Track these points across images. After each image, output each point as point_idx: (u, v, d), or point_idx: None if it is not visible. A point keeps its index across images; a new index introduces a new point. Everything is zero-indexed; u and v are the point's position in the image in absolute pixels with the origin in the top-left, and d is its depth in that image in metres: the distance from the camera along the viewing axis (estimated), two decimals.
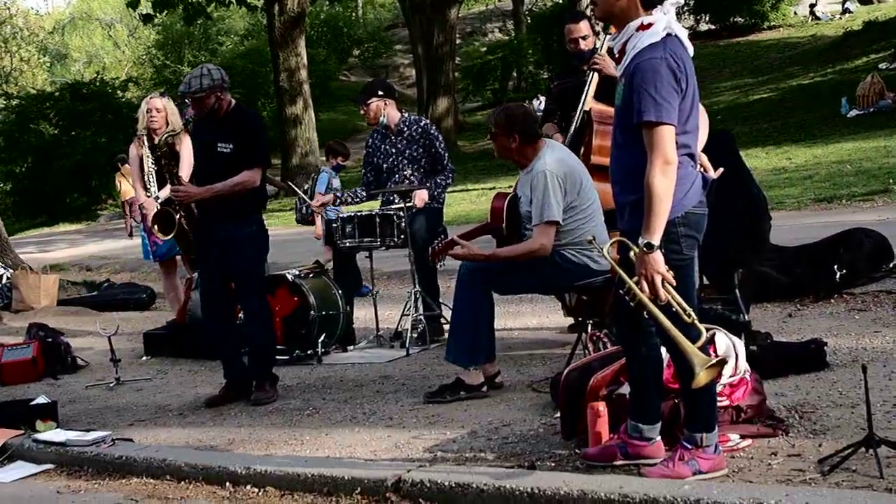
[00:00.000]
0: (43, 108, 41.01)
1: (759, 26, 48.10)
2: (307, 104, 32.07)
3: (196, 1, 31.16)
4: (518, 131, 7.39)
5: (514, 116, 7.47)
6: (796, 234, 10.78)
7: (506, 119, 7.45)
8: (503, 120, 7.46)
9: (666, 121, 4.73)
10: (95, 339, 11.22)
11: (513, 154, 7.51)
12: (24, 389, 9.52)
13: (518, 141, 7.41)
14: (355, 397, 7.91)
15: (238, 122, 8.23)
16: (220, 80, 8.13)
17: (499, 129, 7.47)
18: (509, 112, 7.56)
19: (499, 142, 7.53)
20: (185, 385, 9.25)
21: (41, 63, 66.24)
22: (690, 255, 5.04)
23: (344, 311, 9.82)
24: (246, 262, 8.23)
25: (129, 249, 20.22)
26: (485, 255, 7.46)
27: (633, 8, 4.90)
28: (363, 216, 9.74)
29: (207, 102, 8.12)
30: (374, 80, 11.61)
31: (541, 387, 7.35)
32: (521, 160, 7.51)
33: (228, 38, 61.98)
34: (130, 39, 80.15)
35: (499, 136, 7.49)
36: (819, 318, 8.73)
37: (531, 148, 7.44)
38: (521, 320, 10.38)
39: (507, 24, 63.43)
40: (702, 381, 4.74)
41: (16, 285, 14.67)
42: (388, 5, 73.47)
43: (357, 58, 62.07)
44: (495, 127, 7.51)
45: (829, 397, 6.25)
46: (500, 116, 7.52)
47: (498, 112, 7.66)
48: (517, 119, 7.45)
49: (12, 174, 39.70)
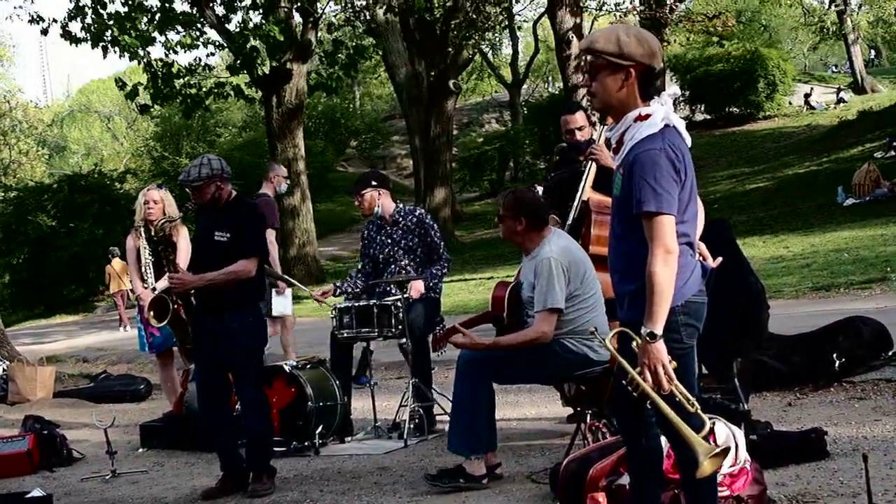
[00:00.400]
0: (41, 200, 41.13)
1: (754, 116, 48.59)
2: (305, 195, 32.16)
3: (194, 93, 31.38)
4: (526, 215, 7.43)
5: (522, 200, 7.50)
6: (795, 323, 10.78)
7: (514, 202, 7.48)
8: (511, 203, 7.49)
9: (666, 211, 4.75)
10: (92, 431, 11.17)
11: (519, 238, 7.53)
12: (19, 482, 9.44)
13: (525, 225, 7.44)
14: (353, 489, 7.85)
15: (236, 213, 8.26)
16: (219, 169, 8.16)
17: (507, 211, 7.50)
18: (518, 196, 7.60)
19: (506, 225, 7.55)
20: (181, 477, 9.19)
21: (40, 155, 66.69)
22: (690, 343, 5.03)
23: (341, 402, 9.77)
24: (241, 352, 8.20)
25: (126, 341, 20.20)
26: (486, 343, 7.46)
27: (632, 99, 4.93)
28: (361, 307, 9.73)
29: (207, 192, 8.15)
30: (368, 171, 11.65)
31: (540, 478, 7.30)
32: (527, 245, 7.53)
33: (227, 129, 62.51)
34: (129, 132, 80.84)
35: (506, 218, 7.51)
36: (819, 406, 8.70)
37: (538, 234, 7.47)
38: (519, 410, 10.34)
39: (503, 114, 64.04)
40: (706, 471, 4.70)
41: (12, 377, 14.61)
42: (386, 97, 74.16)
43: (354, 149, 62.53)
44: (503, 209, 7.54)
45: (830, 487, 6.22)
46: (509, 199, 7.56)
47: (507, 195, 7.70)
48: (525, 203, 7.48)
49: (10, 266, 39.70)
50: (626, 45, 4.85)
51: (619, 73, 4.90)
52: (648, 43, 4.89)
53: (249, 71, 31.01)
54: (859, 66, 58.96)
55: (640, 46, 4.86)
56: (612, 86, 4.94)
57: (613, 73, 4.91)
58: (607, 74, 4.93)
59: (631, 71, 4.88)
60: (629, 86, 4.91)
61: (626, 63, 4.87)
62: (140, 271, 11.03)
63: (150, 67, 29.85)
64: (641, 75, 4.90)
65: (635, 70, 4.88)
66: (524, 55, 64.65)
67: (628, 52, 4.86)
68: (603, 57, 4.92)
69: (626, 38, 4.86)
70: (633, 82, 4.90)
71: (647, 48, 4.88)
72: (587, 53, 5.02)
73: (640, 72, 4.89)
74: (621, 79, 4.90)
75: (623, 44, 4.86)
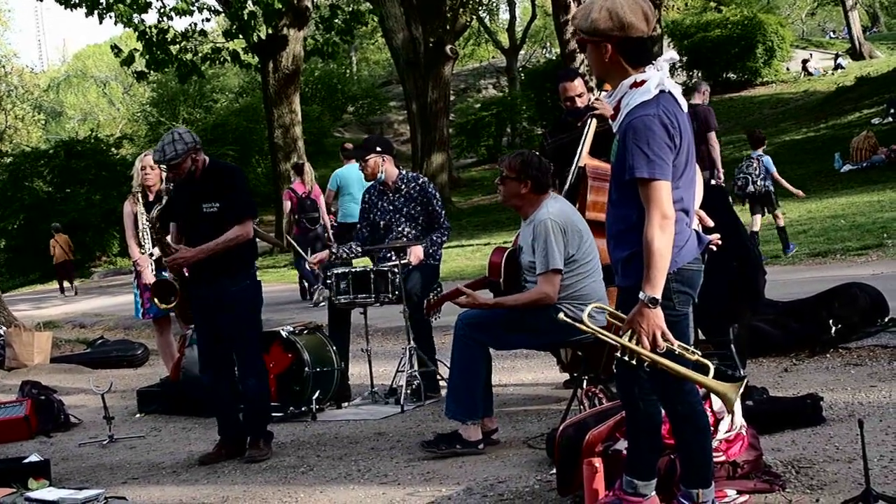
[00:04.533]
0: (37, 166, 41.08)
1: (751, 82, 48.49)
2: (301, 160, 32.11)
3: (189, 59, 31.29)
4: (531, 177, 7.40)
5: (529, 163, 7.47)
6: (791, 289, 10.79)
7: (521, 164, 7.45)
8: (518, 164, 7.45)
9: (659, 177, 4.74)
10: (89, 396, 11.20)
11: (520, 200, 7.51)
12: (16, 447, 9.45)
13: (529, 188, 7.42)
14: (350, 454, 7.87)
15: (218, 180, 8.22)
16: (192, 142, 8.09)
17: (512, 172, 7.46)
18: (525, 158, 7.56)
19: (508, 186, 7.52)
20: (178, 442, 9.21)
21: (36, 120, 66.52)
22: (684, 311, 5.03)
23: (339, 368, 9.78)
24: (239, 318, 8.21)
25: (123, 307, 20.19)
26: (489, 303, 7.49)
27: (619, 68, 4.94)
28: (358, 272, 9.72)
29: (184, 166, 8.09)
30: (371, 136, 11.56)
31: (536, 443, 7.32)
32: (527, 208, 7.50)
33: (223, 95, 62.32)
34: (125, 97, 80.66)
35: (510, 180, 7.48)
36: (815, 372, 8.72)
37: (537, 198, 7.46)
38: (516, 376, 10.36)
39: (500, 80, 63.88)
40: (734, 400, 4.90)
41: (9, 343, 14.62)
42: (383, 62, 74.02)
43: (351, 114, 62.38)
44: (508, 170, 7.49)
45: (826, 452, 6.23)
46: (516, 161, 7.51)
47: (514, 156, 7.64)
48: (533, 166, 7.45)
49: (5, 231, 39.63)
50: (596, 22, 4.86)
51: (597, 47, 4.93)
52: (619, 15, 4.83)
53: (246, 37, 30.93)
54: (857, 32, 58.70)
55: (609, 20, 4.84)
56: (596, 59, 4.98)
57: (595, 47, 4.94)
58: (592, 49, 4.97)
59: (607, 45, 4.89)
60: (612, 57, 4.92)
61: (597, 39, 4.89)
62: (137, 237, 11.03)
63: (145, 35, 29.75)
64: (618, 47, 4.90)
65: (610, 44, 4.89)
66: (521, 20, 64.53)
67: (598, 28, 4.87)
68: (579, 32, 4.97)
69: (597, 15, 4.86)
70: (612, 54, 4.91)
71: (618, 20, 4.84)
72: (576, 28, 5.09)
73: (616, 44, 4.89)
74: (602, 52, 4.92)
75: (593, 20, 4.87)
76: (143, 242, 10.96)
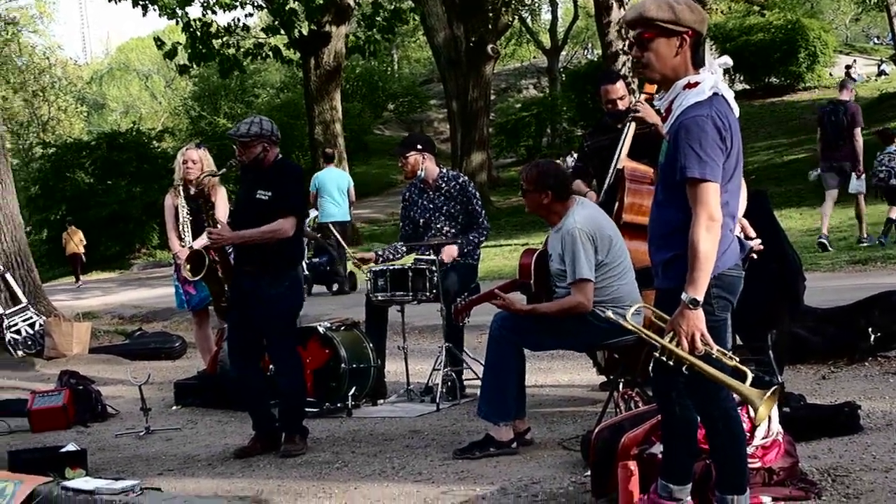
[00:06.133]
0: (79, 157, 41.28)
1: (794, 87, 48.19)
2: (341, 157, 32.14)
3: (232, 54, 31.40)
4: (550, 187, 7.40)
5: (545, 173, 7.47)
6: (830, 296, 10.72)
7: (538, 175, 7.45)
8: (535, 176, 7.46)
9: (710, 178, 4.73)
10: (126, 387, 11.26)
11: (545, 211, 7.51)
12: (54, 436, 9.52)
13: (551, 197, 7.41)
14: (385, 451, 7.89)
15: (279, 174, 8.29)
16: (269, 131, 8.21)
17: (530, 185, 7.47)
18: (541, 168, 7.56)
19: (530, 198, 7.53)
20: (214, 435, 9.25)
21: (78, 112, 66.88)
22: (722, 316, 5.02)
23: (375, 365, 9.80)
24: (277, 316, 8.22)
25: (162, 298, 20.30)
26: (524, 309, 7.48)
27: (685, 66, 4.91)
28: (395, 270, 9.74)
29: (253, 150, 8.18)
30: (413, 134, 11.63)
31: (571, 444, 7.31)
32: (552, 217, 7.50)
33: (264, 90, 62.51)
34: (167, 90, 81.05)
35: (530, 192, 7.49)
36: (853, 380, 8.67)
37: (562, 205, 7.45)
38: (552, 377, 10.35)
39: (541, 80, 63.84)
40: (764, 415, 4.80)
41: (49, 332, 14.73)
42: (424, 60, 74.06)
43: (392, 112, 62.50)
44: (526, 183, 7.50)
45: (863, 461, 6.20)
46: (532, 172, 7.51)
47: (529, 168, 7.64)
48: (549, 175, 7.45)
49: (47, 222, 39.87)
50: (680, 12, 4.84)
51: (673, 39, 4.88)
52: (699, 9, 4.88)
53: (288, 32, 31.00)
54: None
55: (692, 13, 4.86)
56: (667, 53, 4.91)
57: (668, 39, 4.89)
58: (662, 42, 4.90)
59: (685, 37, 4.87)
60: (683, 53, 4.90)
61: (681, 29, 4.86)
62: (177, 230, 11.08)
63: (189, 27, 29.88)
64: (694, 41, 4.89)
65: (689, 36, 4.87)
66: (563, 21, 64.34)
67: (682, 19, 4.85)
68: (657, 24, 4.90)
69: (679, 5, 4.85)
70: (686, 49, 4.89)
71: (699, 14, 4.88)
72: (638, 23, 4.97)
73: (693, 38, 4.88)
74: (676, 45, 4.88)
75: (677, 10, 4.84)
76: (184, 235, 11.00)
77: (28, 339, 14.85)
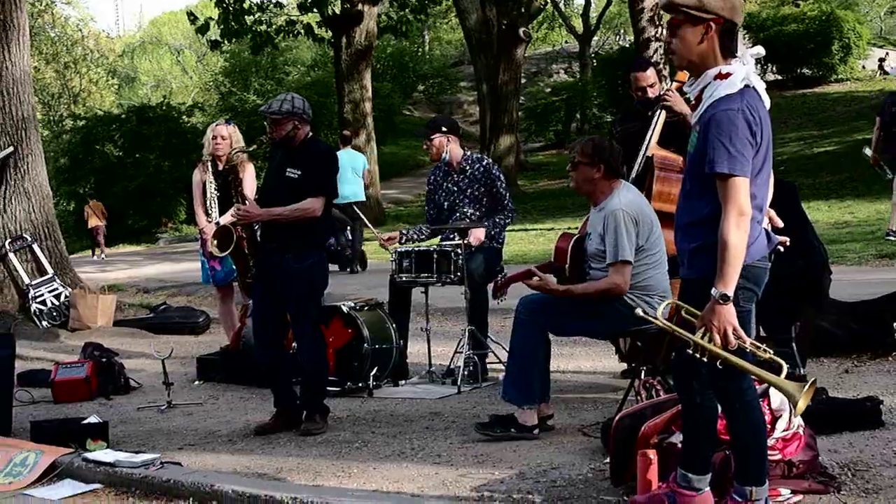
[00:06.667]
0: (109, 130, 41.31)
1: (826, 79, 47.84)
2: (370, 137, 32.14)
3: (264, 30, 31.41)
4: (604, 161, 7.37)
5: (601, 147, 7.45)
6: (856, 290, 10.67)
7: (594, 148, 7.43)
8: (591, 149, 7.42)
9: (739, 173, 4.71)
10: (149, 361, 11.31)
11: (592, 186, 7.47)
12: (76, 408, 9.59)
13: (602, 172, 7.39)
14: (405, 432, 7.90)
15: (310, 152, 8.30)
16: (300, 109, 8.24)
17: (585, 157, 7.42)
18: (597, 143, 7.54)
19: (581, 171, 7.47)
20: (235, 411, 9.28)
21: (109, 85, 66.92)
22: (747, 307, 5.01)
23: (397, 346, 9.82)
24: (302, 294, 8.26)
25: (187, 273, 20.34)
26: (560, 289, 7.47)
27: (713, 54, 4.88)
28: (421, 251, 9.75)
29: (284, 127, 8.21)
30: (438, 116, 11.64)
31: (591, 431, 7.31)
32: (598, 195, 7.46)
33: (295, 68, 62.39)
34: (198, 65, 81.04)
35: (583, 165, 7.44)
36: (876, 375, 8.64)
37: (609, 184, 7.43)
38: (574, 363, 10.35)
39: (572, 65, 63.54)
40: (803, 407, 4.82)
41: (73, 304, 14.80)
42: (455, 42, 73.84)
43: (422, 93, 62.39)
44: (581, 155, 7.45)
45: (884, 456, 6.18)
46: (589, 146, 7.48)
47: (585, 142, 7.61)
48: (605, 150, 7.42)
49: (75, 194, 39.94)
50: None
51: (699, 26, 4.86)
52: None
53: (320, 10, 30.99)
54: None
55: (720, 0, 4.82)
56: (692, 40, 4.89)
57: (694, 26, 4.87)
58: (687, 29, 4.89)
59: (711, 24, 4.84)
60: (709, 40, 4.87)
61: (707, 16, 4.83)
62: (205, 205, 11.11)
63: (222, 3, 29.90)
64: (723, 29, 4.86)
65: (716, 24, 4.84)
66: (596, 6, 63.96)
67: (709, 5, 4.82)
68: (683, 10, 4.88)
69: None
70: (713, 36, 4.86)
71: (728, 2, 4.83)
72: (667, 8, 4.96)
73: (721, 25, 4.85)
74: (701, 33, 4.86)
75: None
76: (211, 211, 11.03)
77: (53, 310, 14.93)
